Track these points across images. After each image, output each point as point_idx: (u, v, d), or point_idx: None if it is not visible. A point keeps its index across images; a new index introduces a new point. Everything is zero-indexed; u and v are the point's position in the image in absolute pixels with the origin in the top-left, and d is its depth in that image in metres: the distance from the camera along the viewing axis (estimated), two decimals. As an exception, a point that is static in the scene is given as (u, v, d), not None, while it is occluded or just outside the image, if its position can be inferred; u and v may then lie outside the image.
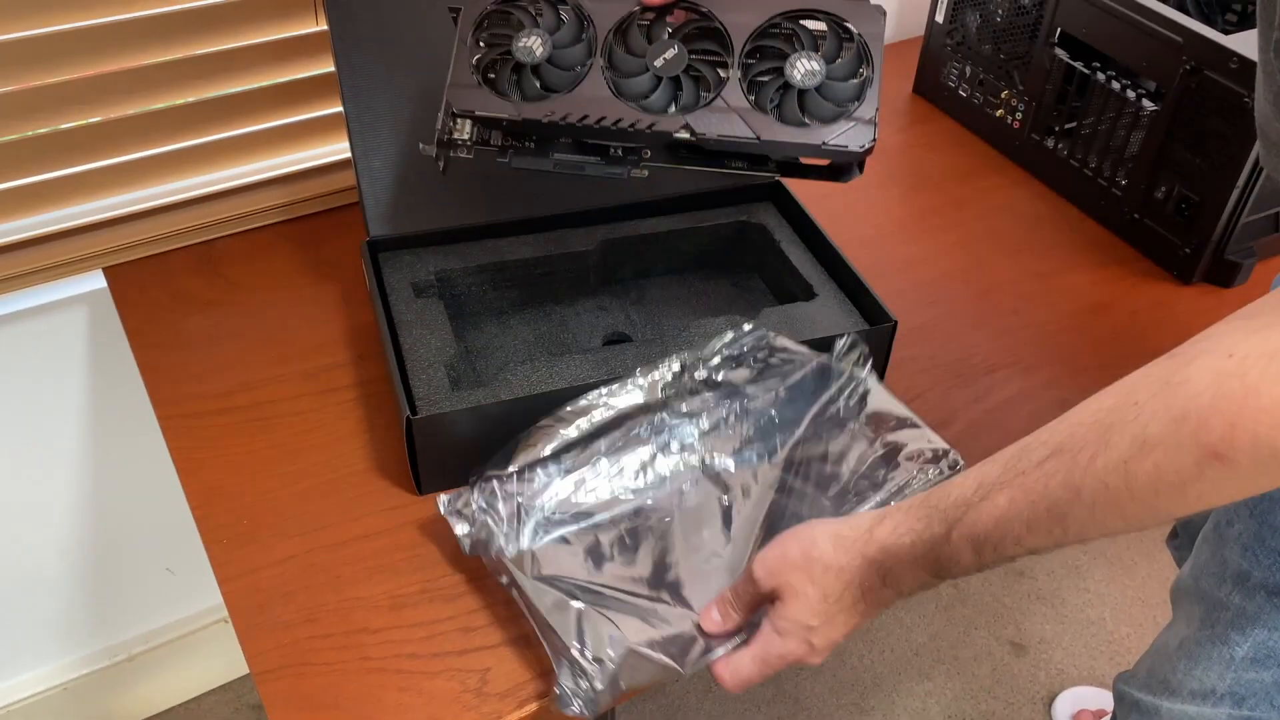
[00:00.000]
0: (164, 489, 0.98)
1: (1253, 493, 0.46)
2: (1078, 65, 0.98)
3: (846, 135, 0.68)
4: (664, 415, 0.69)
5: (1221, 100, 0.85)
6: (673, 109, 0.69)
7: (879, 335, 0.78)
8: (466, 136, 0.72)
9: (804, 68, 0.68)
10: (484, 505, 0.65)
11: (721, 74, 0.69)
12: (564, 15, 0.70)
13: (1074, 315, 0.90)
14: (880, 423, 0.69)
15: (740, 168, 0.74)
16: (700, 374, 0.71)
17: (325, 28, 0.82)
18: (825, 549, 0.57)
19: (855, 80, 0.69)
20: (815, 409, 0.69)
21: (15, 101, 0.81)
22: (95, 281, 0.92)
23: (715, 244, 0.91)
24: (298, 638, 0.64)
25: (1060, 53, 0.99)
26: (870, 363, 0.72)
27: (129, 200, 0.90)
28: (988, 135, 1.11)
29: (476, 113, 0.69)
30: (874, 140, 0.68)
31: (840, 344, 0.72)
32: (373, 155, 0.83)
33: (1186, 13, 1.12)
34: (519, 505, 0.65)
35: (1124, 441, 0.46)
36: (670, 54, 0.68)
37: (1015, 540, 0.51)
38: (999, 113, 1.08)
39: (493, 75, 0.70)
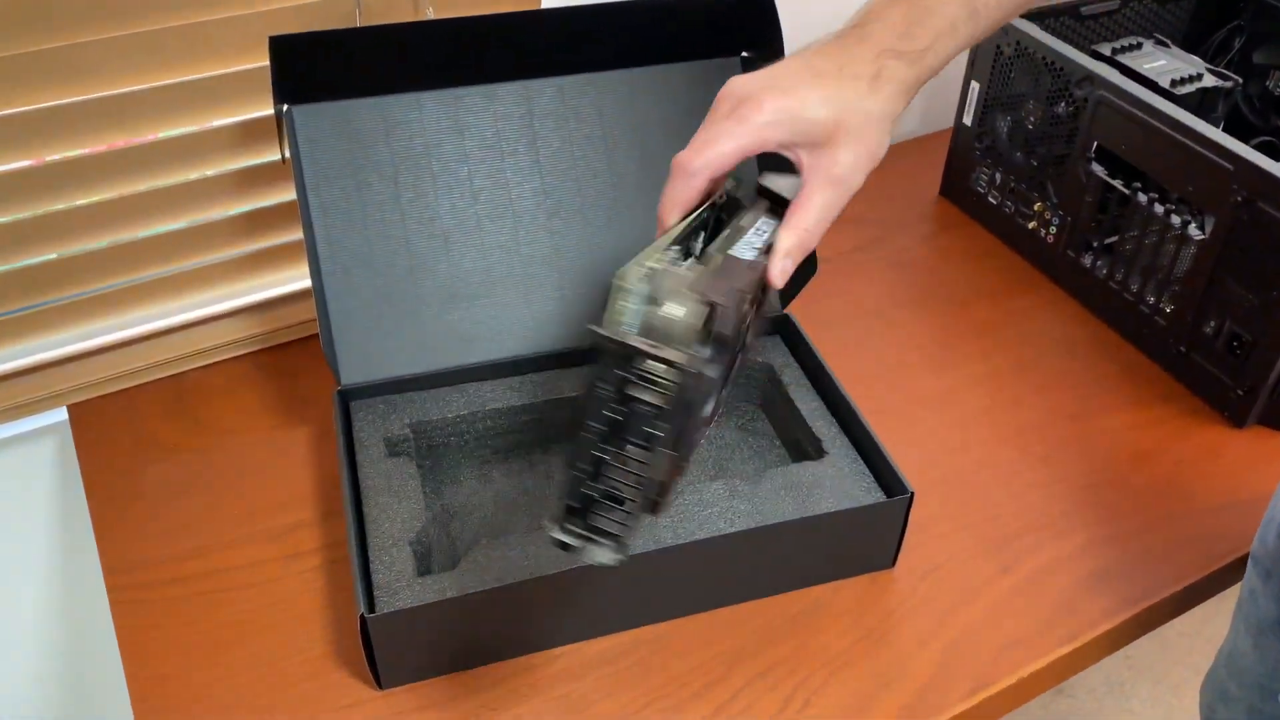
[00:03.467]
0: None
1: None
2: (1116, 183, 0.90)
3: None
4: None
5: (1277, 235, 0.77)
6: None
7: (893, 509, 0.70)
8: None
9: None
10: None
11: None
12: None
13: (1112, 466, 0.82)
14: None
15: None
16: None
17: (286, 157, 0.76)
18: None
19: None
20: None
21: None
22: (63, 413, 0.87)
23: (718, 383, 0.84)
24: None
25: (1097, 168, 0.91)
26: None
27: (96, 331, 0.85)
28: (1019, 247, 1.03)
29: None
30: None
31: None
32: (346, 297, 0.77)
33: (1242, 115, 1.04)
34: None
35: None
36: None
37: None
38: (1032, 224, 1.00)
39: None
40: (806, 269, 0.79)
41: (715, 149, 0.56)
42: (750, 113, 0.56)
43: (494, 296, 0.80)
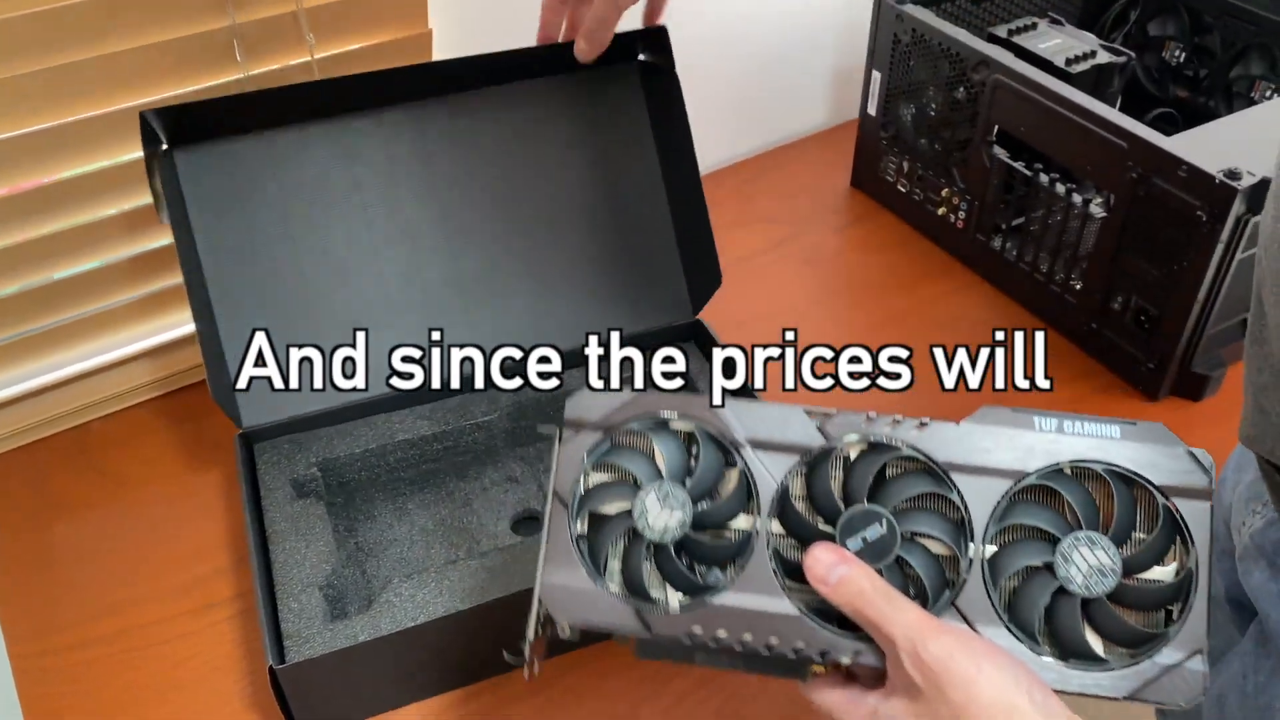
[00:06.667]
0: None
1: None
2: (1018, 165, 0.90)
3: (1165, 685, 0.44)
4: None
5: (1173, 210, 0.78)
6: None
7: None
8: (570, 634, 0.51)
9: (1086, 563, 0.45)
10: None
11: (947, 569, 0.47)
12: (705, 454, 0.50)
13: (1031, 448, 0.82)
14: None
15: None
16: None
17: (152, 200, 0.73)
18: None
19: (1167, 571, 0.46)
20: None
21: None
22: (-37, 475, 0.84)
23: (634, 395, 0.83)
24: None
25: (999, 151, 0.92)
26: None
27: (-11, 388, 0.82)
28: (931, 234, 1.03)
29: (592, 623, 0.50)
30: (1207, 688, 0.45)
31: None
32: (241, 337, 0.75)
33: (1142, 87, 1.05)
34: None
35: None
36: (875, 533, 0.47)
37: None
38: (941, 210, 1.00)
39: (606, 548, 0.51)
40: (709, 282, 0.79)
41: None
42: None
43: (396, 324, 0.78)
